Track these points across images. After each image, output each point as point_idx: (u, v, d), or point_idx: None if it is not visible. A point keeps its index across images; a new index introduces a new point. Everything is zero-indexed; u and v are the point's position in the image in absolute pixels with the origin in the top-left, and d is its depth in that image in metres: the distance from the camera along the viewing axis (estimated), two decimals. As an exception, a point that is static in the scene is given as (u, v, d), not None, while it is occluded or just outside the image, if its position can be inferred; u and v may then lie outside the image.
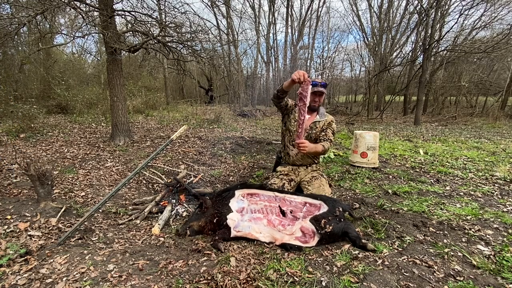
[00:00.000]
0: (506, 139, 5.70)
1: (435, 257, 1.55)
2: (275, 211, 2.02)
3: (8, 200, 2.36)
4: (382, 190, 2.67)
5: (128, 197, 2.83)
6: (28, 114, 5.37)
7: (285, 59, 17.10)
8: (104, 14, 4.22)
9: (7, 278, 1.39)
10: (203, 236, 1.95)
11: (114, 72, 4.70)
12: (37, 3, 3.97)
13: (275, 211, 2.02)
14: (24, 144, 4.50)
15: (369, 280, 1.34)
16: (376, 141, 3.52)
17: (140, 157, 4.13)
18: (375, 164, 3.51)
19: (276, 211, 2.02)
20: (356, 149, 3.57)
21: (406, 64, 11.39)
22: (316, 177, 2.43)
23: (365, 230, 1.89)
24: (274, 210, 2.03)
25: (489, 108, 10.76)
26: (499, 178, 2.99)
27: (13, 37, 3.96)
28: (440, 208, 2.22)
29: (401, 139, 5.84)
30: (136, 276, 1.42)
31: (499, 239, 1.73)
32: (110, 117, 5.49)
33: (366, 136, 3.52)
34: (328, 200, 1.99)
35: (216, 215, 1.94)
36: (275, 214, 2.00)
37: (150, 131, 6.17)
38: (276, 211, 2.02)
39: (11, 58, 8.63)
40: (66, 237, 1.81)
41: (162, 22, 4.83)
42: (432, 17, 8.51)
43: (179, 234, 1.98)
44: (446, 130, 7.37)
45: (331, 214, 1.82)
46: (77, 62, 11.22)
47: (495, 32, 10.85)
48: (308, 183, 2.38)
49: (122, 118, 4.92)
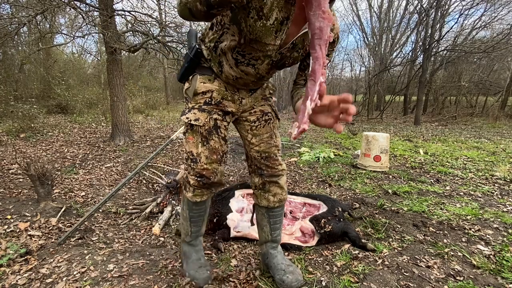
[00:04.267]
0: (506, 139, 5.70)
1: (435, 257, 1.55)
2: (275, 211, 2.02)
3: (8, 200, 2.36)
4: (382, 190, 2.67)
5: (128, 197, 2.83)
6: (28, 114, 5.37)
7: (285, 59, 17.07)
8: (104, 14, 4.22)
9: (7, 278, 1.39)
10: (203, 236, 1.95)
11: (114, 72, 4.71)
12: (37, 3, 3.97)
13: (275, 211, 2.02)
14: (24, 144, 4.50)
15: (369, 280, 1.34)
16: (388, 143, 3.33)
17: (140, 157, 4.13)
18: (387, 167, 3.34)
19: (276, 211, 2.02)
20: (368, 152, 3.34)
21: (406, 64, 11.39)
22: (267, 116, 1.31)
23: (365, 230, 1.89)
24: (274, 210, 2.03)
25: (489, 108, 10.75)
26: (499, 178, 2.99)
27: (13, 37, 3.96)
28: (440, 208, 2.22)
29: (401, 139, 5.83)
30: (136, 276, 1.42)
31: (499, 239, 1.73)
32: (110, 117, 5.49)
33: (380, 138, 3.29)
34: (328, 200, 2.00)
35: (216, 215, 1.94)
36: (275, 214, 2.00)
37: (150, 131, 6.17)
38: (276, 211, 2.02)
39: (11, 58, 8.63)
40: (66, 237, 1.82)
41: (162, 22, 4.83)
42: (432, 17, 8.51)
43: (179, 234, 1.98)
44: (446, 130, 7.36)
45: (330, 214, 1.82)
46: (77, 62, 11.22)
47: (495, 32, 10.85)
48: (252, 126, 1.29)
49: (122, 118, 4.92)
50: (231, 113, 1.24)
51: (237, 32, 0.98)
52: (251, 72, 1.11)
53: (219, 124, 1.19)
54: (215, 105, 1.18)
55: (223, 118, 1.21)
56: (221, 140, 1.20)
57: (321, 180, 3.07)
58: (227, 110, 1.21)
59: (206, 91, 1.17)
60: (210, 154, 1.18)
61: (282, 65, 1.10)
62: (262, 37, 0.94)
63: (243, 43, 1.00)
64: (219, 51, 1.10)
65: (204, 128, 1.16)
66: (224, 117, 1.22)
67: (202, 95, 1.17)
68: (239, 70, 1.11)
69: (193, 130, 1.17)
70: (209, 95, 1.17)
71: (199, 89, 1.17)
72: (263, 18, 0.89)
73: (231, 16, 0.96)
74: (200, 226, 1.37)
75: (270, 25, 0.91)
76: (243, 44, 1.00)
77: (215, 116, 1.18)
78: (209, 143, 1.17)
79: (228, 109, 1.21)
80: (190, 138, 1.18)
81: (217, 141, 1.19)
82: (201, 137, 1.16)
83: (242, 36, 0.97)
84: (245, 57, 1.05)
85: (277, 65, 1.09)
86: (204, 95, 1.17)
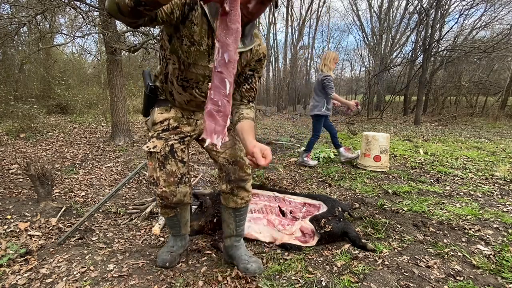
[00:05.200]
0: (506, 139, 5.70)
1: (435, 257, 1.55)
2: (274, 211, 2.02)
3: (8, 200, 2.36)
4: (382, 190, 2.67)
5: (128, 197, 2.83)
6: (28, 114, 5.37)
7: (285, 59, 17.10)
8: (104, 14, 4.22)
9: (7, 278, 1.39)
10: (203, 236, 1.95)
11: (114, 72, 4.70)
12: (37, 3, 3.97)
13: (274, 211, 2.02)
14: (24, 144, 4.50)
15: (369, 280, 1.34)
16: (388, 143, 3.35)
17: (140, 157, 4.13)
18: (387, 167, 3.35)
19: (276, 211, 2.02)
20: (368, 152, 3.36)
21: (406, 64, 11.39)
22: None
23: (365, 230, 1.89)
24: (274, 210, 2.03)
25: (489, 108, 10.75)
26: (499, 178, 2.99)
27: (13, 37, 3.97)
28: (440, 208, 2.22)
29: (401, 139, 5.83)
30: (136, 276, 1.42)
31: (499, 239, 1.73)
32: (110, 117, 5.49)
33: (380, 138, 3.30)
34: (328, 200, 2.00)
35: (216, 215, 1.94)
36: (274, 214, 2.00)
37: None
38: (275, 211, 2.02)
39: (11, 58, 8.63)
40: (66, 237, 1.82)
41: (162, 22, 4.82)
42: (432, 17, 8.51)
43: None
44: (446, 130, 7.36)
45: (330, 214, 1.82)
46: (77, 62, 11.22)
47: (495, 32, 10.85)
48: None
49: (122, 118, 4.92)
50: (189, 135, 1.37)
51: (176, 60, 1.15)
52: (198, 93, 1.25)
53: (175, 149, 1.29)
54: (173, 130, 1.32)
55: (181, 141, 1.33)
56: (178, 163, 1.29)
57: (321, 180, 3.07)
58: (184, 133, 1.34)
59: (163, 120, 1.32)
60: (168, 177, 1.27)
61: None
62: (198, 60, 1.12)
63: (184, 69, 1.16)
64: (168, 82, 1.27)
65: (160, 154, 1.27)
66: (181, 141, 1.33)
67: (160, 124, 1.32)
68: (188, 94, 1.26)
69: (151, 157, 1.28)
70: (166, 123, 1.32)
71: (157, 119, 1.32)
72: (195, 44, 1.07)
73: (169, 48, 1.12)
74: (178, 230, 1.54)
75: (203, 50, 1.09)
76: (184, 70, 1.17)
77: (171, 142, 1.29)
78: (166, 167, 1.27)
79: (184, 132, 1.34)
80: (150, 164, 1.30)
81: (173, 165, 1.28)
82: (158, 162, 1.27)
83: (181, 62, 1.14)
84: (188, 82, 1.21)
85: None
86: (161, 124, 1.32)
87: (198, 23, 1.03)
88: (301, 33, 16.79)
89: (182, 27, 1.03)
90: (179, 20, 1.01)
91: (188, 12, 1.00)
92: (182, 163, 1.31)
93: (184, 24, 1.03)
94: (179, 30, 1.04)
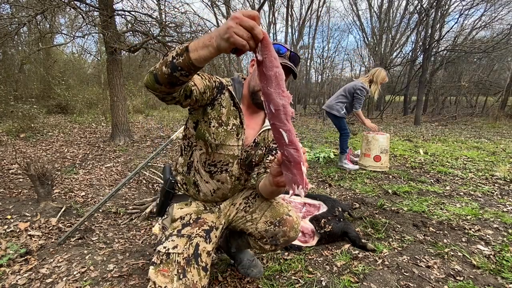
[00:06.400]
0: (506, 139, 5.70)
1: (435, 257, 1.55)
2: (275, 211, 2.02)
3: (8, 200, 2.36)
4: (382, 190, 2.67)
5: (128, 197, 2.83)
6: (28, 114, 5.37)
7: (285, 59, 17.06)
8: (104, 14, 4.22)
9: (7, 278, 1.39)
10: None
11: (114, 72, 4.71)
12: (37, 3, 3.97)
13: (275, 211, 2.02)
14: (24, 144, 4.50)
15: (369, 280, 1.34)
16: (388, 143, 3.35)
17: (140, 157, 4.13)
18: (387, 167, 3.35)
19: (276, 211, 2.02)
20: (368, 152, 3.37)
21: (406, 64, 11.39)
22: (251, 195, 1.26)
23: (365, 230, 1.89)
24: (274, 210, 2.02)
25: (489, 108, 10.75)
26: (499, 178, 2.99)
27: (13, 37, 3.96)
28: (440, 208, 2.22)
29: (401, 139, 5.83)
30: (136, 276, 1.42)
31: (499, 239, 1.73)
32: (110, 117, 5.49)
33: (380, 138, 3.32)
34: (327, 200, 1.99)
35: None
36: (275, 214, 2.00)
37: (150, 131, 6.17)
38: (276, 211, 2.02)
39: (11, 58, 8.63)
40: (66, 237, 1.82)
41: (162, 22, 4.83)
42: (432, 17, 8.51)
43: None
44: (446, 130, 7.36)
45: (330, 214, 1.82)
46: (77, 62, 11.22)
47: (495, 32, 10.85)
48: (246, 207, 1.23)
49: (122, 118, 4.93)
50: (214, 227, 1.16)
51: (203, 145, 1.13)
52: (226, 178, 1.18)
53: (200, 251, 1.04)
54: (194, 223, 1.12)
55: (207, 239, 1.09)
56: (202, 271, 1.01)
57: (321, 180, 3.07)
58: (208, 223, 1.14)
59: (184, 216, 1.15)
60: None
61: (250, 163, 1.20)
62: (226, 140, 1.11)
63: (211, 151, 1.13)
64: (193, 171, 1.19)
65: (183, 256, 1.00)
66: (207, 238, 1.09)
67: (180, 220, 1.14)
68: (215, 181, 1.18)
69: (168, 260, 0.99)
70: (188, 218, 1.14)
71: (176, 215, 1.15)
72: (223, 124, 1.10)
73: (195, 134, 1.13)
74: None
75: (230, 129, 1.11)
76: (212, 153, 1.13)
77: (196, 240, 1.05)
78: (186, 276, 0.97)
79: (209, 223, 1.14)
80: (164, 270, 0.98)
81: (195, 274, 0.99)
82: (178, 268, 0.98)
83: (208, 145, 1.12)
84: (216, 166, 1.16)
85: (245, 163, 1.19)
86: (182, 219, 1.14)
87: (226, 105, 1.11)
88: (301, 33, 16.78)
89: (210, 110, 1.09)
90: (208, 101, 1.08)
91: (217, 94, 1.09)
92: (205, 271, 1.02)
93: (213, 106, 1.09)
94: (206, 113, 1.09)
